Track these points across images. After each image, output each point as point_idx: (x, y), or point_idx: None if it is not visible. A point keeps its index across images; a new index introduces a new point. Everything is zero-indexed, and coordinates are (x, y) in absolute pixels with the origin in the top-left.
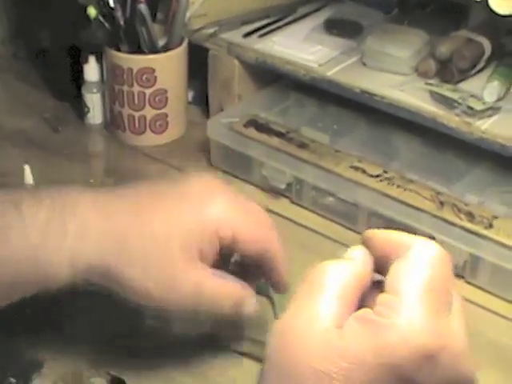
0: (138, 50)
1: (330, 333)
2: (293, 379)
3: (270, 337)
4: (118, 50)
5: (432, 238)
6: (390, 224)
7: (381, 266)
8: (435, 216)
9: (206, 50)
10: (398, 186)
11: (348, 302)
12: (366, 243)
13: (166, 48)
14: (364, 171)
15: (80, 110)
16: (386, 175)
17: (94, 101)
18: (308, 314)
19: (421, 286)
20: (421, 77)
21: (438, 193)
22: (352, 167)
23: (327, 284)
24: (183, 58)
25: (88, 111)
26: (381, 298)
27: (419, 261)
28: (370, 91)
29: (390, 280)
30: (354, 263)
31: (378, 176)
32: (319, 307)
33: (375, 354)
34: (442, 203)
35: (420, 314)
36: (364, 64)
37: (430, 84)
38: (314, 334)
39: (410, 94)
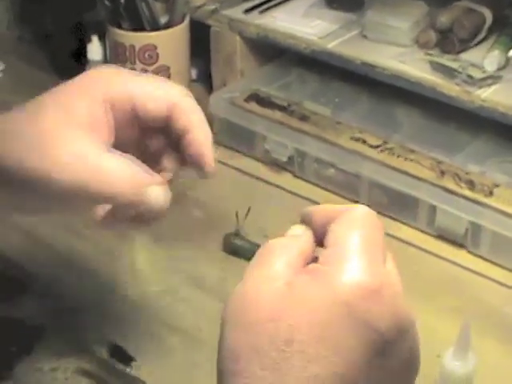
0: (139, 27)
1: (282, 288)
2: (248, 326)
3: (226, 306)
4: (120, 27)
5: (432, 207)
6: (392, 194)
7: (322, 237)
8: (436, 185)
9: (208, 27)
10: (399, 156)
11: (294, 270)
12: (304, 220)
13: (168, 25)
14: (365, 142)
15: None
16: (386, 145)
17: None
18: (260, 277)
19: (358, 238)
20: (421, 48)
21: (439, 162)
22: (353, 138)
23: (275, 254)
24: (185, 34)
25: None
26: (323, 252)
27: (354, 219)
28: (370, 63)
29: (329, 238)
30: (297, 238)
31: (378, 146)
32: (270, 271)
33: (322, 295)
34: (442, 172)
35: (361, 259)
36: (364, 37)
37: (431, 54)
38: (267, 291)
39: (410, 64)
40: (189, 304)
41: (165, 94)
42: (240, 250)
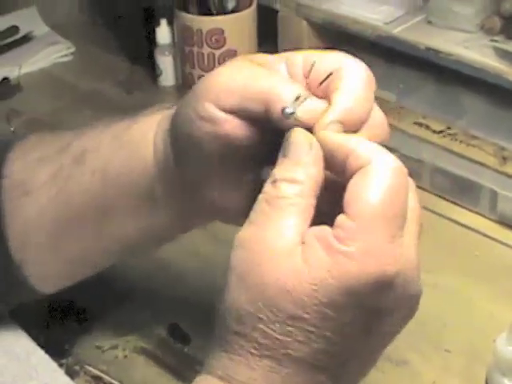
0: (207, 11)
1: (295, 251)
2: (258, 292)
3: (234, 247)
4: (188, 12)
5: (494, 193)
6: (454, 179)
7: (333, 163)
8: (498, 171)
9: (276, 12)
10: (461, 142)
11: (306, 216)
12: (321, 142)
13: (236, 10)
14: (428, 127)
15: (153, 72)
16: (449, 131)
17: (166, 63)
18: (273, 227)
19: (377, 211)
20: (486, 34)
21: (502, 148)
22: (416, 123)
23: (286, 203)
24: (252, 19)
25: (160, 73)
26: (340, 220)
27: (378, 182)
28: (434, 48)
29: (348, 199)
30: (309, 183)
31: (441, 132)
32: (282, 222)
33: (335, 279)
34: (504, 158)
35: (376, 243)
36: (429, 22)
37: (495, 41)
38: (280, 250)
39: (474, 50)
40: None
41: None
42: None
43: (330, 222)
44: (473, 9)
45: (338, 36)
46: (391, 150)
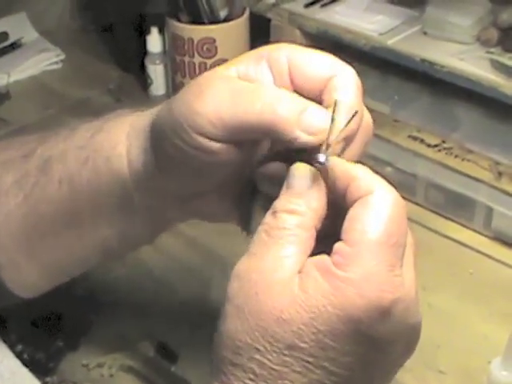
0: (198, 20)
1: (293, 281)
2: (255, 322)
3: (231, 278)
4: (179, 20)
5: (489, 209)
6: (448, 194)
7: (335, 188)
8: (493, 186)
9: (268, 21)
10: (457, 156)
11: (306, 247)
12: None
13: (228, 19)
14: (422, 141)
15: (144, 81)
16: (444, 145)
17: (156, 72)
18: (271, 258)
19: (377, 240)
20: (482, 45)
21: (497, 163)
22: (411, 137)
23: (286, 233)
24: (244, 28)
25: (151, 82)
26: (338, 247)
27: (378, 212)
28: (430, 60)
29: (347, 226)
30: (310, 215)
31: (436, 146)
32: (281, 253)
33: (334, 306)
34: (500, 173)
35: (375, 270)
36: (425, 33)
37: (492, 53)
38: (277, 280)
39: (470, 62)
40: None
41: (327, 62)
42: None
43: (328, 248)
44: (469, 20)
45: (332, 46)
46: (385, 163)
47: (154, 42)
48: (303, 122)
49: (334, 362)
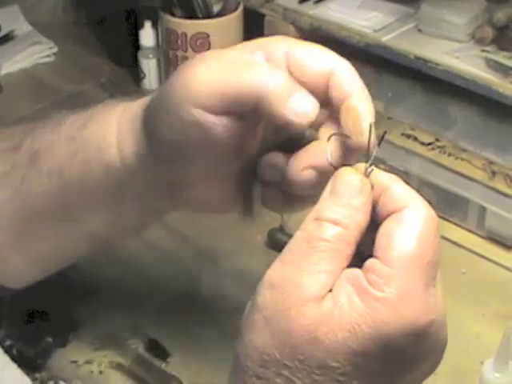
0: (192, 15)
1: (327, 297)
2: (285, 339)
3: (263, 284)
4: (173, 15)
5: (482, 208)
6: (441, 193)
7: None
8: (487, 186)
9: (262, 16)
10: (450, 155)
11: (344, 264)
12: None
13: (221, 13)
14: (416, 139)
15: (137, 75)
16: (438, 143)
17: (149, 66)
18: (310, 271)
19: (413, 259)
20: (477, 44)
21: (491, 162)
22: (404, 134)
23: (328, 246)
24: (238, 23)
25: (144, 77)
26: (373, 264)
27: (414, 229)
28: (424, 57)
29: (383, 244)
30: (353, 229)
31: (430, 144)
32: (320, 267)
33: (369, 326)
34: (493, 173)
35: (411, 290)
36: (419, 30)
37: (486, 51)
38: (312, 296)
39: (465, 61)
40: (229, 298)
41: (326, 57)
42: (284, 245)
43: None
44: (464, 18)
45: (326, 42)
46: (378, 161)
47: (147, 36)
48: (291, 103)
49: (364, 381)
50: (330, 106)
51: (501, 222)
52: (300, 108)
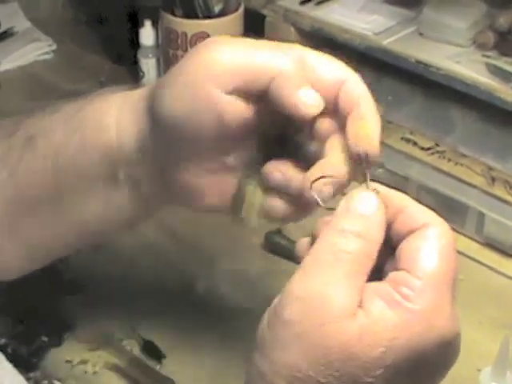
0: (193, 15)
1: (360, 315)
2: (320, 356)
3: (289, 297)
4: (174, 14)
5: (481, 215)
6: (440, 198)
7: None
8: (486, 192)
9: (263, 17)
10: (450, 160)
11: (366, 276)
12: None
13: (222, 14)
14: (415, 144)
15: (136, 74)
16: (437, 148)
17: (149, 65)
18: (339, 285)
19: (441, 274)
20: (478, 49)
21: (490, 168)
22: (403, 139)
23: (355, 260)
24: (238, 23)
25: (143, 76)
26: (404, 278)
27: (439, 245)
28: (425, 62)
29: (407, 257)
30: (374, 243)
31: (429, 149)
32: (349, 282)
33: (402, 338)
34: (493, 179)
35: (442, 303)
36: (421, 34)
37: (488, 56)
38: (345, 312)
39: (465, 65)
40: (225, 300)
41: (338, 67)
42: (281, 248)
43: None
44: (466, 23)
45: (326, 44)
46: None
47: (147, 35)
48: (300, 92)
49: None
50: (336, 118)
51: (500, 229)
52: (308, 98)
